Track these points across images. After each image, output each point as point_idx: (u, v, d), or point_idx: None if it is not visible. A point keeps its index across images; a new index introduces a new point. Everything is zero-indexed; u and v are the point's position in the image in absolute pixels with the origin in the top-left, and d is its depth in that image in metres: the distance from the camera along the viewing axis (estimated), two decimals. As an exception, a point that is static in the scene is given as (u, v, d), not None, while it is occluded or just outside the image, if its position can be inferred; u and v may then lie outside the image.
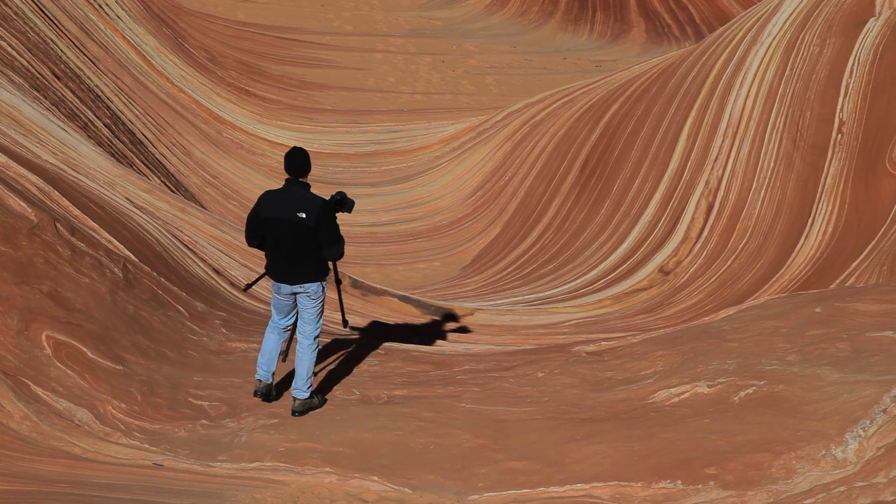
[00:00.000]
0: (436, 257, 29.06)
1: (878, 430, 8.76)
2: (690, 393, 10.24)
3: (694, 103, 25.81)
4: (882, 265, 16.86)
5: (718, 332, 11.78)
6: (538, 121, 33.00)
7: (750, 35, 25.73)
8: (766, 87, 23.81)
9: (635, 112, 28.82)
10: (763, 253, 21.11)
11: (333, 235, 10.71)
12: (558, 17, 56.42)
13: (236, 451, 10.00)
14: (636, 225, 24.89)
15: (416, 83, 46.43)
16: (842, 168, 20.48)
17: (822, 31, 23.45)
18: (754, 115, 23.65)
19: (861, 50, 21.77)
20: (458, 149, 34.60)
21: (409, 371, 12.35)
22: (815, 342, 10.82)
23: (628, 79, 31.56)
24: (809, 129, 21.90)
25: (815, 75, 22.58)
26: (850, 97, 21.32)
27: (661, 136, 26.32)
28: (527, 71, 48.70)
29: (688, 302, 21.03)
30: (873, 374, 9.66)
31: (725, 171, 23.42)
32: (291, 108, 40.19)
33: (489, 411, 10.62)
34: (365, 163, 35.23)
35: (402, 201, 32.32)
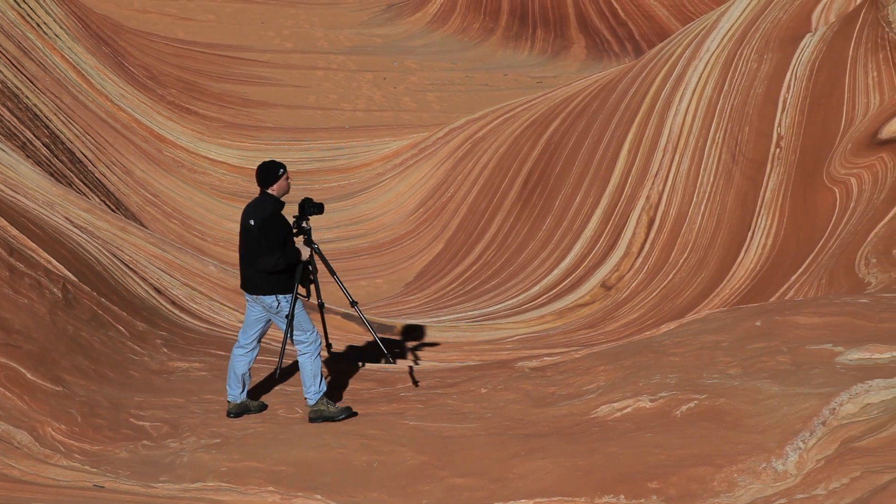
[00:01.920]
0: (378, 274, 29.03)
1: (817, 442, 8.84)
2: (633, 407, 10.28)
3: (634, 119, 25.97)
4: (820, 278, 17.01)
5: (660, 346, 11.84)
6: (480, 137, 33.08)
7: (689, 51, 25.93)
8: (705, 103, 23.99)
9: (576, 128, 28.95)
10: (704, 267, 21.25)
11: (268, 245, 10.75)
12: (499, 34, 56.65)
13: (178, 472, 9.93)
14: (578, 240, 24.99)
15: (357, 100, 46.43)
16: (780, 182, 20.67)
17: (760, 46, 23.68)
18: (694, 130, 23.83)
19: (798, 65, 21.99)
20: (399, 166, 34.62)
21: (352, 388, 12.32)
22: (755, 355, 10.90)
23: (569, 95, 31.71)
24: (748, 144, 22.08)
25: (754, 90, 22.78)
26: (787, 112, 21.53)
27: (601, 152, 26.46)
28: (468, 88, 48.85)
29: (630, 316, 21.13)
30: (813, 387, 9.74)
31: (666, 186, 23.57)
32: (232, 125, 40.06)
33: (433, 428, 10.61)
34: (307, 180, 35.16)
35: (344, 219, 32.28)
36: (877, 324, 11.51)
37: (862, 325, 11.48)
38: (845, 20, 21.85)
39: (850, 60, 20.43)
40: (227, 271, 19.62)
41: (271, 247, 10.76)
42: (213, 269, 19.18)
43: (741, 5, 26.00)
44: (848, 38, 20.93)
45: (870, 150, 18.49)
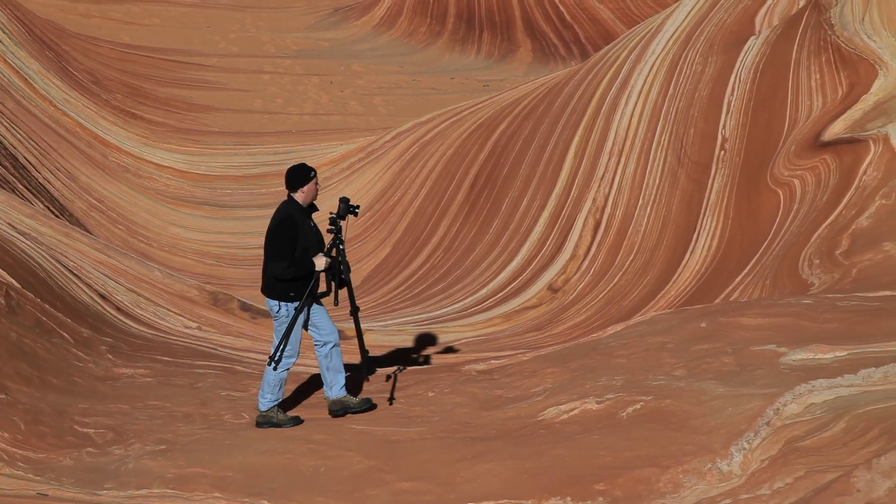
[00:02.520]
0: (326, 278, 28.92)
1: (762, 442, 8.89)
2: (580, 409, 10.31)
3: (580, 122, 26.05)
4: (765, 279, 17.13)
5: (607, 348, 11.89)
6: (427, 141, 33.08)
7: (634, 54, 26.05)
8: (650, 106, 24.11)
9: (523, 131, 29.01)
10: (649, 269, 21.35)
11: (273, 251, 10.66)
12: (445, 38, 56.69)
13: (123, 479, 9.85)
14: (525, 243, 25.03)
15: (304, 104, 46.31)
16: (725, 184, 20.80)
17: (705, 49, 23.82)
18: (639, 132, 23.93)
19: (742, 68, 22.14)
20: (347, 170, 34.56)
21: (299, 391, 12.30)
22: (700, 357, 10.96)
23: (515, 98, 31.78)
24: (693, 147, 22.21)
25: (698, 93, 22.91)
26: (732, 114, 21.67)
27: (548, 155, 26.52)
28: (415, 91, 48.85)
29: (576, 319, 21.19)
30: (757, 388, 9.80)
31: (612, 189, 23.66)
32: (178, 130, 39.85)
33: (380, 432, 10.59)
34: (254, 184, 35.04)
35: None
36: (820, 324, 11.61)
37: (805, 326, 11.58)
38: (788, 23, 22.02)
39: (794, 63, 20.59)
40: (173, 276, 19.51)
41: (279, 252, 10.64)
42: (158, 274, 19.06)
43: (686, 8, 26.14)
44: (791, 41, 21.10)
45: (813, 151, 18.64)
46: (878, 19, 19.48)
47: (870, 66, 18.94)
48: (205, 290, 19.18)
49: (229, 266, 29.14)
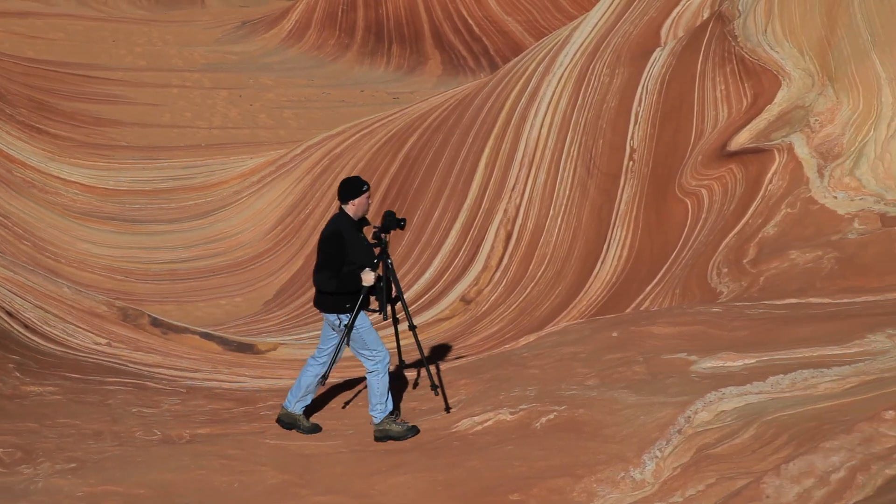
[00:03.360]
0: (238, 293, 28.77)
1: (673, 450, 8.98)
2: (493, 420, 10.34)
3: (490, 133, 26.16)
4: (674, 289, 17.31)
5: (520, 359, 11.94)
6: (338, 153, 33.02)
7: (543, 66, 26.21)
8: (559, 117, 24.27)
9: (433, 143, 29.07)
10: (561, 279, 21.47)
11: (320, 261, 10.54)
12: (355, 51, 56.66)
13: (33, 498, 9.71)
14: (437, 255, 25.07)
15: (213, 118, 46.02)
16: (634, 194, 20.98)
17: (612, 61, 24.03)
18: (549, 143, 24.08)
19: (648, 79, 22.36)
20: (257, 183, 34.38)
21: (212, 409, 12.19)
22: (612, 366, 11.05)
23: (426, 110, 31.84)
24: (602, 157, 22.38)
25: (607, 104, 23.10)
26: (639, 125, 21.87)
27: (459, 167, 26.59)
28: (325, 104, 48.75)
29: (489, 330, 21.25)
30: (668, 396, 9.90)
31: (523, 200, 23.78)
32: (85, 145, 39.41)
33: (294, 446, 10.55)
34: (163, 199, 34.73)
35: (202, 237, 31.94)
36: (729, 332, 11.76)
37: (715, 334, 11.72)
38: (693, 34, 22.29)
39: (699, 74, 20.83)
40: (82, 293, 19.28)
41: (324, 263, 10.51)
42: (66, 290, 18.83)
43: (593, 20, 26.36)
44: (696, 52, 21.35)
45: (719, 161, 18.87)
46: (781, 30, 19.79)
47: (773, 76, 19.22)
48: (114, 305, 18.97)
49: (139, 281, 28.85)
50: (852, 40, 18.38)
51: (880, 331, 10.90)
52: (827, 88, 18.28)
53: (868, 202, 16.19)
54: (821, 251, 15.60)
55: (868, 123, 17.29)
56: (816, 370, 10.00)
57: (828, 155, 17.23)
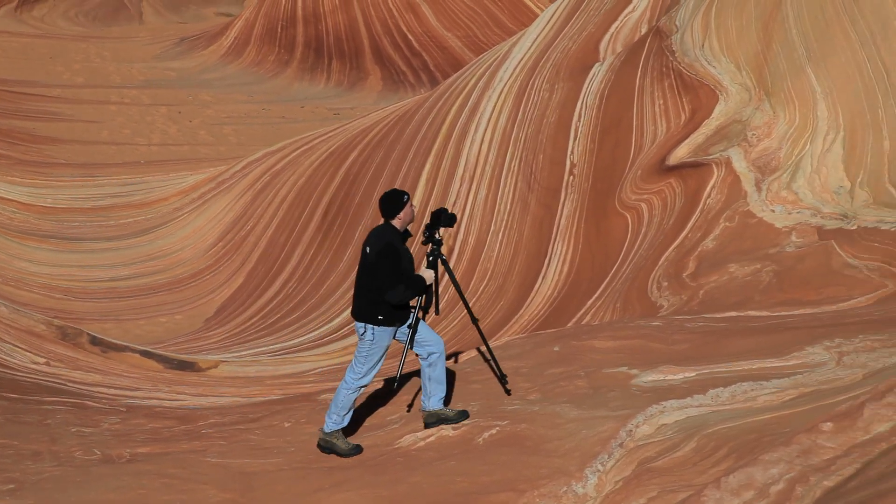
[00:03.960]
0: (178, 310, 28.60)
1: (615, 464, 9.01)
2: (436, 436, 10.34)
3: (431, 149, 26.19)
4: (615, 302, 17.40)
5: (462, 373, 11.94)
6: (278, 170, 32.92)
7: (482, 81, 26.29)
8: (499, 132, 24.34)
9: (374, 158, 29.06)
10: (503, 294, 21.52)
11: (388, 277, 10.33)
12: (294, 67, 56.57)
13: (-29, 521, 9.60)
14: (379, 271, 25.01)
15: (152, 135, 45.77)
16: (574, 209, 21.08)
17: (551, 76, 24.14)
18: (490, 159, 24.14)
19: (588, 94, 22.49)
20: (197, 200, 34.22)
21: (152, 427, 12.10)
22: (554, 380, 11.08)
23: (366, 126, 31.82)
24: (543, 172, 22.47)
25: (546, 119, 23.20)
26: (579, 140, 21.98)
27: (400, 182, 26.60)
28: (265, 120, 48.63)
29: (432, 345, 21.23)
30: (610, 410, 9.94)
31: (464, 215, 23.81)
32: (22, 163, 39.06)
33: (236, 464, 10.48)
34: (102, 217, 34.47)
35: (141, 254, 31.73)
36: (669, 346, 11.83)
37: (655, 348, 11.78)
38: (632, 49, 22.44)
39: (638, 89, 20.98)
40: (20, 312, 19.10)
41: (391, 279, 10.34)
42: (3, 309, 18.64)
43: (532, 36, 26.48)
44: (635, 67, 21.50)
45: (659, 176, 19.00)
46: (718, 46, 19.97)
47: (711, 91, 19.39)
48: (53, 324, 18.80)
49: (78, 300, 28.61)
50: (788, 55, 18.59)
51: (818, 343, 11.01)
52: (764, 103, 18.46)
53: (805, 215, 16.36)
54: (759, 264, 15.74)
55: (804, 137, 17.48)
56: (756, 383, 10.08)
57: (765, 169, 17.39)
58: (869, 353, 10.61)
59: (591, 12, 26.07)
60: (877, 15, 17.61)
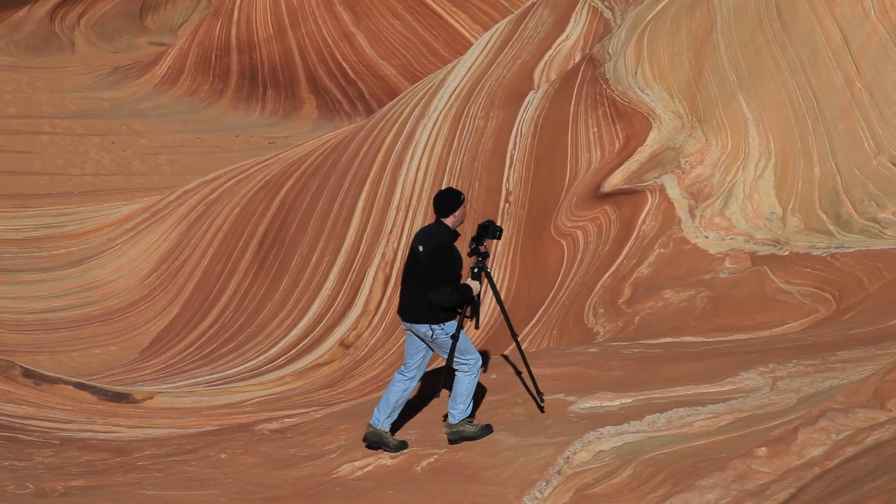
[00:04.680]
0: (112, 341, 28.35)
1: (553, 491, 9.03)
2: (374, 465, 10.31)
3: (367, 177, 26.19)
4: (552, 329, 17.45)
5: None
6: (213, 199, 32.78)
7: (418, 109, 26.35)
8: (435, 160, 24.40)
9: (310, 187, 29.01)
10: (440, 322, 21.51)
11: (438, 276, 10.20)
12: (229, 96, 56.40)
13: None
14: (315, 300, 24.97)
15: (85, 165, 45.43)
16: (510, 236, 21.15)
17: (486, 104, 24.25)
18: (426, 187, 24.18)
19: (522, 122, 22.60)
20: (132, 230, 33.97)
21: (86, 460, 11.97)
22: (492, 408, 11.09)
23: (302, 154, 31.77)
24: (479, 200, 22.53)
25: (482, 147, 23.28)
26: (515, 167, 22.07)
27: (336, 211, 26.57)
28: (199, 149, 48.42)
29: (369, 374, 21.21)
30: (548, 437, 9.96)
31: (401, 243, 23.82)
32: (-47, 193, 38.63)
33: (171, 497, 10.39)
34: (34, 248, 34.12)
35: (75, 286, 31.43)
36: (606, 372, 11.88)
37: (592, 375, 11.83)
38: (566, 77, 22.59)
39: (572, 116, 21.11)
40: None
41: (441, 279, 10.21)
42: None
43: (466, 64, 26.59)
44: (569, 95, 21.64)
45: (594, 203, 19.11)
46: (650, 73, 20.15)
47: (644, 118, 19.56)
48: (-15, 357, 18.58)
49: (10, 332, 28.28)
50: (719, 82, 18.79)
51: (752, 368, 11.10)
52: (696, 130, 18.64)
53: (738, 241, 16.51)
54: (693, 290, 15.86)
55: (736, 164, 17.66)
56: (691, 408, 10.15)
57: (698, 195, 17.55)
58: (802, 377, 10.71)
59: (525, 41, 26.23)
60: (806, 43, 17.86)
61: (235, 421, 17.31)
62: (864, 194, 16.11)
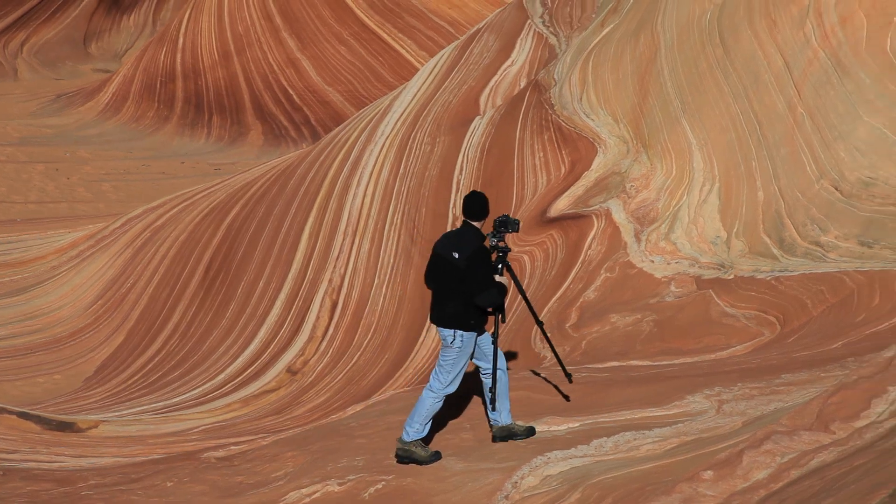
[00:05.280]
0: (57, 370, 28.09)
1: (501, 515, 9.04)
2: (321, 492, 10.27)
3: (314, 203, 26.15)
4: (499, 354, 17.46)
5: (347, 429, 11.90)
6: (159, 226, 32.60)
7: (364, 135, 26.36)
8: (382, 186, 24.40)
9: (256, 213, 28.92)
10: (387, 348, 21.50)
11: (482, 280, 10.31)
12: (174, 122, 56.20)
13: None
14: (262, 326, 24.87)
15: (28, 192, 45.08)
16: (457, 262, 21.14)
17: (432, 129, 24.30)
18: (372, 213, 24.17)
19: (469, 147, 22.66)
20: (76, 258, 33.72)
21: (30, 490, 11.86)
22: (440, 433, 11.08)
23: (248, 181, 31.68)
24: (426, 225, 22.55)
25: (428, 172, 23.32)
26: (461, 193, 22.11)
27: (283, 237, 26.50)
28: (145, 176, 48.18)
29: (316, 401, 21.13)
30: (495, 462, 9.97)
31: (348, 269, 23.79)
32: None
33: (117, 527, 10.31)
34: (-23, 276, 33.79)
35: (18, 314, 31.14)
36: (553, 396, 11.91)
37: (539, 399, 11.86)
38: (511, 103, 22.69)
39: (518, 141, 21.19)
40: None
41: (485, 282, 10.31)
42: None
43: (412, 90, 26.65)
44: (515, 121, 21.73)
45: (540, 227, 19.17)
46: (595, 98, 20.28)
47: (589, 143, 19.67)
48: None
49: (-48, 361, 27.97)
50: (664, 108, 18.93)
51: (698, 391, 11.16)
52: (641, 155, 18.76)
53: (683, 265, 16.62)
54: (640, 314, 15.93)
55: (681, 189, 17.79)
56: (638, 432, 10.19)
57: (644, 220, 17.65)
58: (748, 400, 10.78)
59: (471, 66, 26.32)
60: (748, 68, 18.03)
61: (182, 449, 17.19)
62: (807, 218, 16.27)
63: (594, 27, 22.60)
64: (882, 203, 15.71)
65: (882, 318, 13.71)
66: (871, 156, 16.16)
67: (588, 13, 25.09)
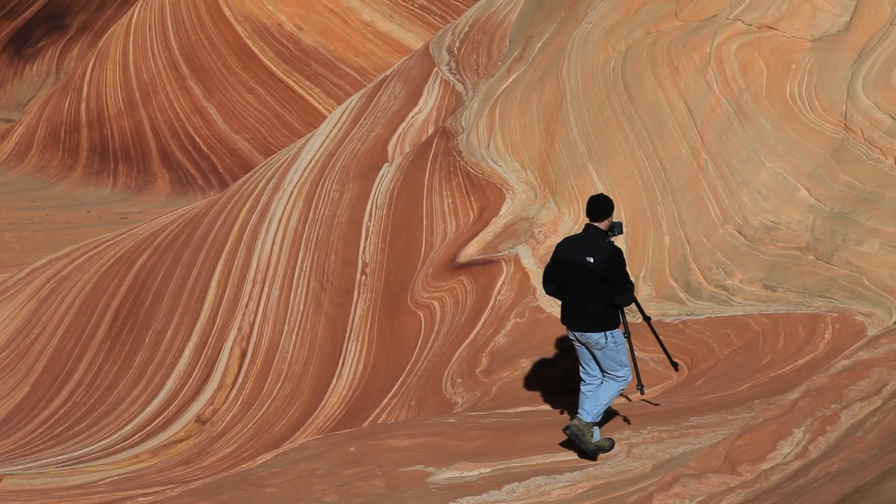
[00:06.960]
0: (-41, 423, 27.60)
1: (414, 562, 9.03)
2: (233, 543, 10.19)
3: (222, 251, 26.02)
4: (410, 400, 17.47)
5: (257, 478, 11.82)
6: (64, 276, 32.23)
7: (272, 183, 26.31)
8: (291, 233, 24.35)
9: (164, 262, 28.71)
10: (298, 396, 21.40)
11: (622, 281, 10.60)
12: (79, 171, 55.71)
13: None
14: (171, 375, 24.65)
15: (-70, 242, 44.38)
16: (368, 308, 21.16)
17: (341, 177, 24.32)
18: (282, 260, 24.10)
19: (378, 194, 22.71)
20: (-21, 308, 33.21)
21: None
22: (350, 481, 11.05)
23: (155, 229, 31.45)
24: (335, 272, 22.53)
25: (338, 219, 23.32)
26: (371, 239, 22.14)
27: (191, 285, 26.32)
28: (49, 226, 47.64)
29: (226, 450, 20.96)
30: (408, 508, 9.96)
31: (257, 317, 23.68)
32: None
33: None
34: None
35: (-80, 367, 30.57)
36: (464, 442, 11.93)
37: (451, 445, 11.87)
38: (420, 150, 22.80)
39: (427, 188, 21.29)
40: None
41: (624, 282, 10.64)
42: None
43: (320, 138, 26.68)
44: (423, 168, 21.83)
45: (449, 273, 19.25)
46: (503, 145, 20.45)
47: (497, 189, 19.81)
48: None
49: None
50: (570, 154, 19.14)
51: (608, 435, 11.25)
52: (549, 200, 18.94)
53: (592, 309, 16.74)
54: (550, 359, 16.03)
55: (589, 233, 17.94)
56: (549, 476, 10.24)
57: (552, 265, 17.77)
58: (657, 444, 10.89)
59: (379, 114, 26.42)
60: (652, 115, 18.30)
61: (89, 501, 16.96)
62: (713, 262, 16.51)
63: (500, 74, 22.81)
64: (784, 247, 15.99)
65: (786, 361, 13.93)
66: (773, 200, 16.45)
67: (494, 60, 25.33)
